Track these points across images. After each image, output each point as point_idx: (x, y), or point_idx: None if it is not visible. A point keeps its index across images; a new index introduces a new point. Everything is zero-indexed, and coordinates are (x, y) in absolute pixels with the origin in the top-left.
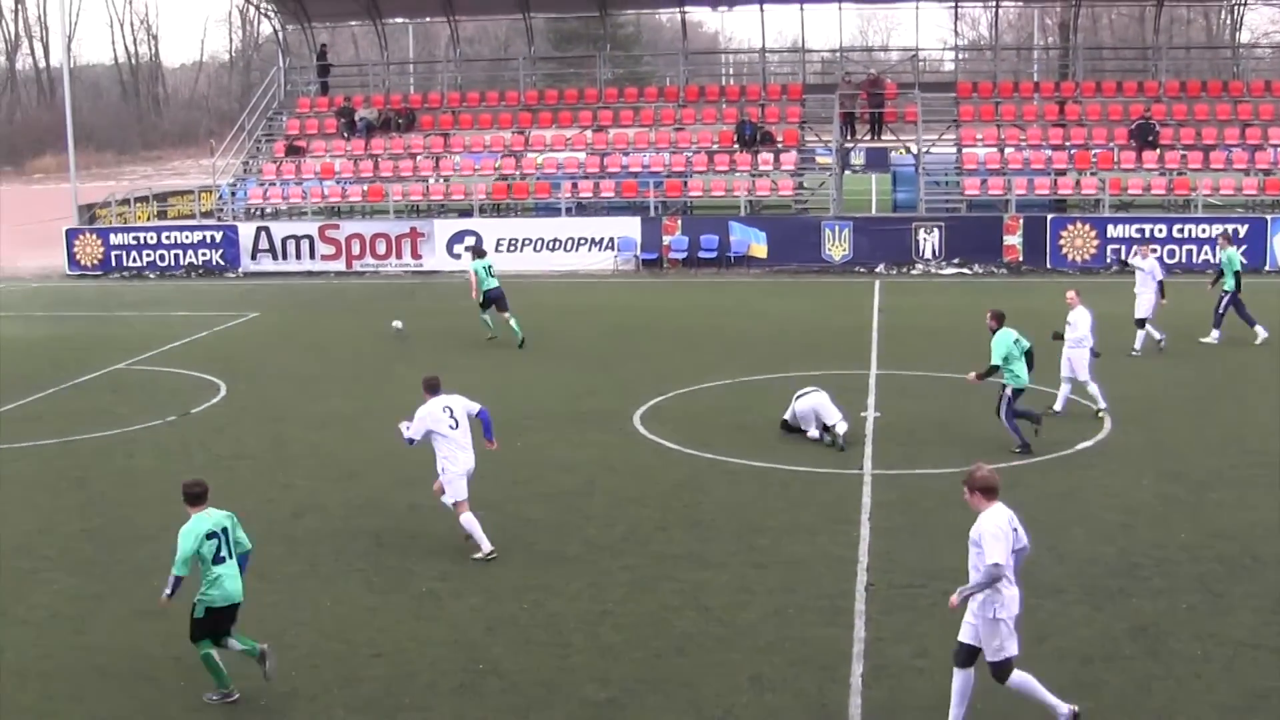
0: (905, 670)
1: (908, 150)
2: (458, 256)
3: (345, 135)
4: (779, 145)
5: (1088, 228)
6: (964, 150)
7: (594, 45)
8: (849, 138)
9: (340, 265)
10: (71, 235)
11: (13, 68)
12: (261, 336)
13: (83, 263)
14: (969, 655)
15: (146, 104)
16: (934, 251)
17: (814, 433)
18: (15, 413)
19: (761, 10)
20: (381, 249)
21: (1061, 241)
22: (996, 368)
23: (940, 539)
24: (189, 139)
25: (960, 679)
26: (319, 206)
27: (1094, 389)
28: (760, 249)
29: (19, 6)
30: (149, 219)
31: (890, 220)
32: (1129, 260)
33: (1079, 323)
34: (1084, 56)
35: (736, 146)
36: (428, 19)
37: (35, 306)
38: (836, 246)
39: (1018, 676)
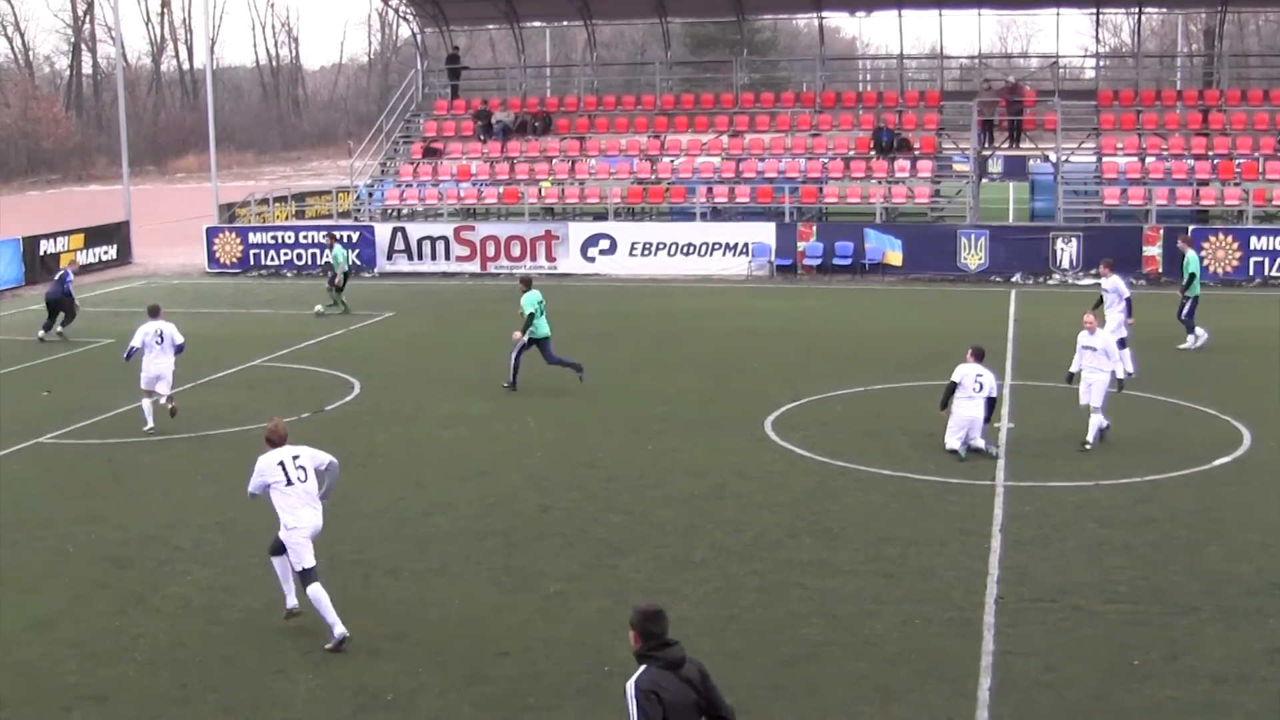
0: (1033, 685)
1: (1046, 158)
2: (592, 260)
3: (482, 138)
4: (915, 152)
5: (1230, 239)
6: (1104, 159)
7: (731, 50)
8: (987, 145)
9: (475, 267)
10: (211, 234)
11: (158, 70)
12: (396, 336)
13: (222, 261)
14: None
15: (286, 105)
16: (1071, 261)
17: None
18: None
19: (900, 16)
20: (516, 251)
21: (1203, 253)
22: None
23: (1073, 553)
24: (327, 140)
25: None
26: (455, 208)
27: (1096, 420)
28: (895, 256)
29: (164, 10)
30: (287, 218)
31: (1027, 229)
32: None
33: (1100, 345)
34: (1229, 64)
35: (873, 153)
36: (565, 23)
37: (175, 303)
38: (972, 255)
39: (315, 590)
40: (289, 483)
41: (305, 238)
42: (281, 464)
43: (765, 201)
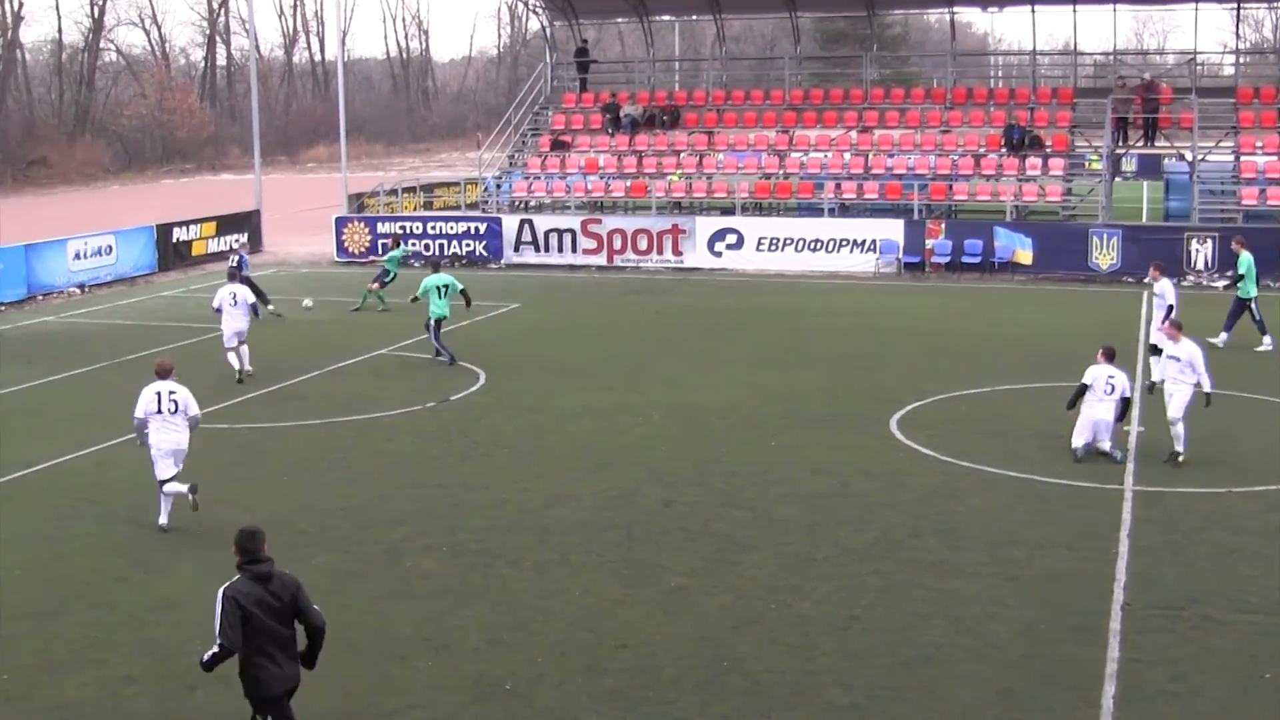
0: (1159, 695)
1: (1182, 157)
2: (719, 255)
3: (610, 131)
4: (1047, 150)
5: None
6: (1242, 158)
7: (860, 45)
8: (1121, 143)
9: (601, 259)
10: (341, 223)
11: (290, 61)
12: (521, 327)
13: (350, 250)
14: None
15: (416, 97)
16: (1206, 263)
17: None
18: (282, 392)
19: (1033, 11)
20: (643, 244)
21: None
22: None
23: (1202, 561)
24: (456, 132)
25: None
26: (582, 201)
27: (1179, 430)
28: (1025, 255)
29: (297, 3)
30: (415, 209)
31: (1161, 229)
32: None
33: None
34: None
35: (1004, 150)
36: (694, 17)
37: (305, 291)
38: (1104, 255)
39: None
40: (158, 411)
41: (433, 228)
42: (158, 394)
43: (894, 198)
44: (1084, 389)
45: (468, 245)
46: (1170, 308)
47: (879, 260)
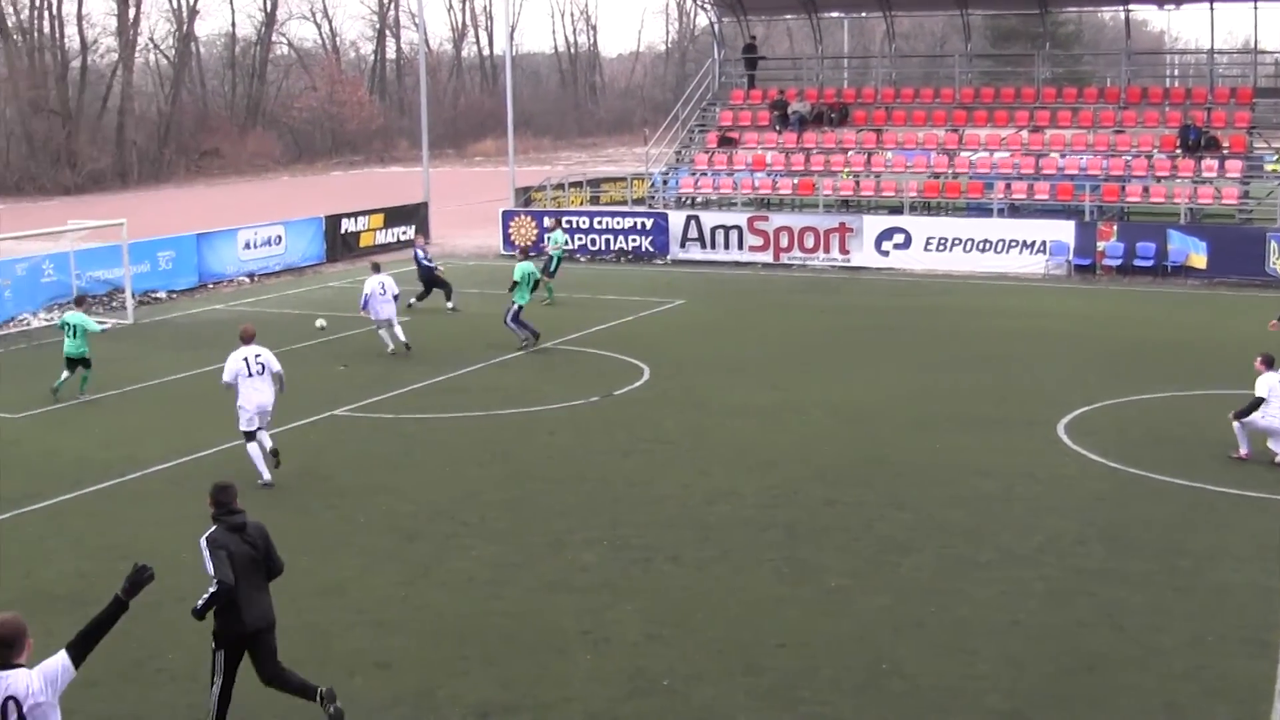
0: None
1: None
2: (885, 254)
3: (778, 128)
4: (1224, 151)
5: None
6: None
7: (1033, 43)
8: None
9: (767, 257)
10: (507, 217)
11: (458, 55)
12: (686, 323)
13: (517, 243)
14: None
15: (583, 92)
16: None
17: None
18: (446, 384)
19: (1211, 8)
20: (809, 242)
21: None
22: None
23: None
24: (623, 127)
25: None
26: (748, 198)
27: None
28: (1199, 259)
29: None
30: (581, 204)
31: None
32: None
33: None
34: None
35: (1179, 151)
36: (863, 14)
37: (471, 283)
38: None
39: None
40: (249, 374)
41: (600, 223)
42: (245, 359)
43: (1065, 199)
44: (1259, 402)
45: (633, 240)
46: None
47: (1049, 262)
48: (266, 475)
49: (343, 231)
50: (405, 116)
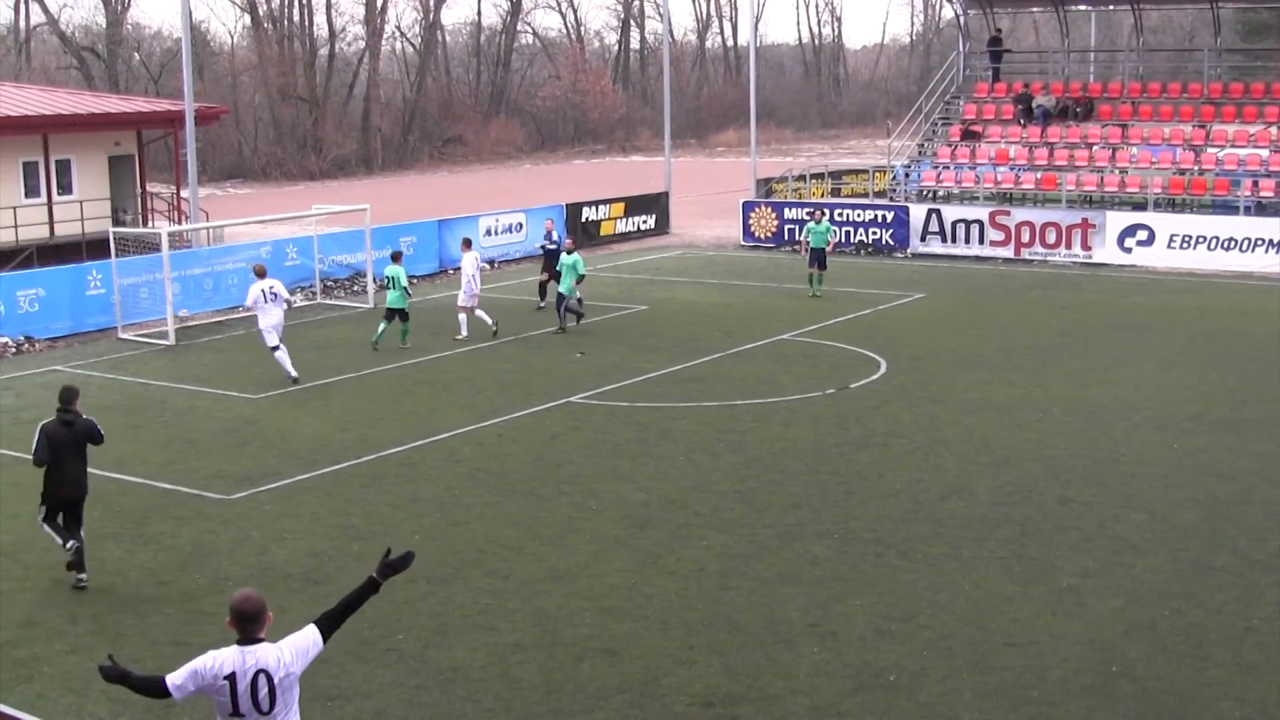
0: None
1: None
2: (1128, 250)
3: (1022, 122)
4: None
5: None
6: None
7: None
8: None
9: (1008, 252)
10: (748, 207)
11: (702, 46)
12: (925, 317)
13: (756, 234)
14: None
15: (827, 84)
16: None
17: None
18: (683, 373)
19: None
20: (1051, 238)
21: None
22: None
23: None
24: (866, 119)
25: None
26: (991, 192)
27: None
28: None
29: None
30: (823, 196)
31: None
32: None
33: None
34: None
35: None
36: (1111, 7)
37: (709, 274)
38: None
39: (277, 354)
40: (265, 301)
41: (840, 215)
42: (262, 290)
43: None
44: None
45: (873, 233)
46: None
47: None
48: (294, 372)
49: (584, 220)
50: (648, 106)
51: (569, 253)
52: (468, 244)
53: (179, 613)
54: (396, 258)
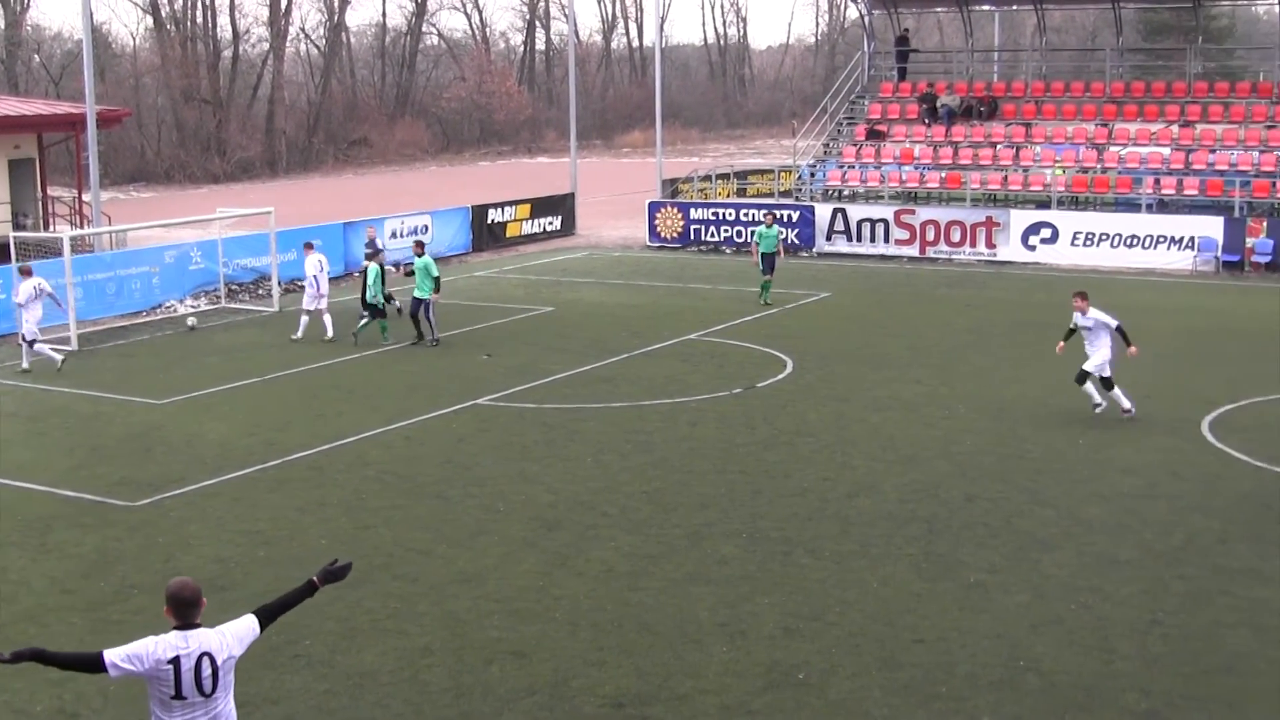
0: None
1: None
2: (1032, 248)
3: (926, 121)
4: None
5: None
6: None
7: (1185, 37)
8: None
9: (914, 251)
10: (654, 208)
11: (608, 47)
12: (831, 316)
13: (663, 235)
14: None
15: (733, 84)
16: None
17: None
18: (591, 374)
19: None
20: (956, 236)
21: None
22: None
23: None
24: (771, 119)
25: None
26: (896, 191)
27: None
28: None
29: None
30: (729, 196)
31: None
32: None
33: None
34: None
35: None
36: (1014, 7)
37: (616, 274)
38: None
39: None
40: (36, 297)
41: (746, 215)
42: (34, 288)
43: (1215, 195)
44: None
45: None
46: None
47: (1196, 258)
48: (58, 358)
49: (489, 221)
50: (554, 107)
51: (419, 256)
52: (310, 246)
53: (84, 621)
54: (373, 256)
